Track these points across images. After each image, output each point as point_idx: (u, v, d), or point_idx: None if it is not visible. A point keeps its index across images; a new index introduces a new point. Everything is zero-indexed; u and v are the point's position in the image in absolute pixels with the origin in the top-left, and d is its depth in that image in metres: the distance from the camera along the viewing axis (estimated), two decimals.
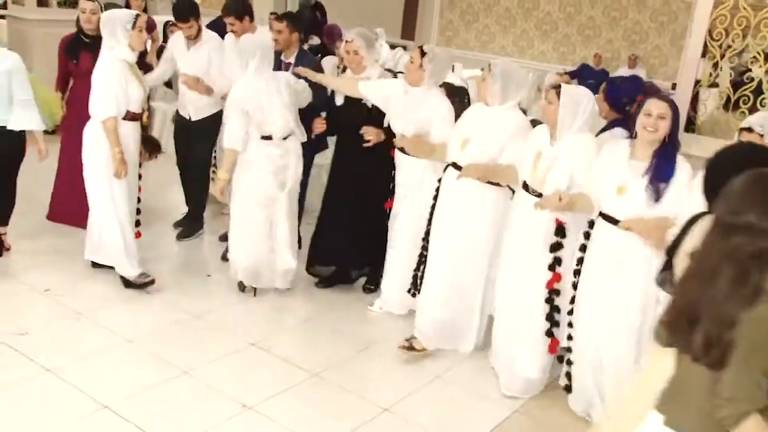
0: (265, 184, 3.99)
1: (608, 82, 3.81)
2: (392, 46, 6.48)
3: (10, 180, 4.28)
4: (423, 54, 3.72)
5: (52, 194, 4.91)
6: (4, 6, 6.68)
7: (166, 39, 6.03)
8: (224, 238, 4.94)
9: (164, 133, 6.44)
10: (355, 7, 11.56)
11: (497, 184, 3.51)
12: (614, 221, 3.00)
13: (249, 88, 3.86)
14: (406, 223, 3.94)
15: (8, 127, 4.05)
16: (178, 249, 4.91)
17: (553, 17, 10.90)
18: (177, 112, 4.98)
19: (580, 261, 3.19)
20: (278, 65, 4.24)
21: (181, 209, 5.28)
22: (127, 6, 5.61)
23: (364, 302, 4.23)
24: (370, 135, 3.92)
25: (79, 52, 4.57)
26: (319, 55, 5.50)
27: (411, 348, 3.65)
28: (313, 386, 3.37)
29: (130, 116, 3.95)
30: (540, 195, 3.21)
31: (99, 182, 3.95)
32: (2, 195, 4.30)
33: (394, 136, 3.88)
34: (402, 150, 3.88)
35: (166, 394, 3.18)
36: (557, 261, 3.25)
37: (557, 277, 3.25)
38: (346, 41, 4.13)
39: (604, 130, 3.65)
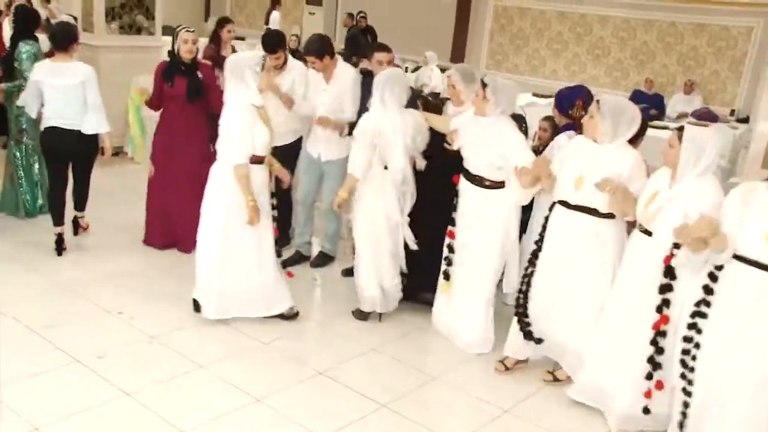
0: (392, 209, 4.13)
1: (557, 93, 4.33)
2: (442, 70, 6.47)
3: (88, 174, 4.88)
4: (484, 85, 3.82)
5: (146, 219, 5.07)
6: None
7: None
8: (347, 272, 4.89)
9: None
10: (405, 31, 11.67)
11: (612, 216, 3.46)
12: (759, 265, 2.89)
13: (381, 121, 3.99)
14: (478, 255, 3.95)
15: (82, 131, 4.59)
16: None
17: (606, 42, 10.84)
18: None
19: (704, 303, 3.06)
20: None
21: None
22: (216, 38, 5.89)
23: (429, 332, 4.23)
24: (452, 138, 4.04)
25: (175, 76, 4.77)
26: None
27: (506, 368, 3.86)
28: (383, 418, 3.38)
29: (255, 160, 3.89)
30: (649, 233, 3.20)
31: (213, 221, 3.95)
32: (81, 188, 4.93)
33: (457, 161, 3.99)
34: (469, 178, 3.94)
35: (241, 422, 3.23)
36: (665, 303, 3.17)
37: (665, 319, 3.18)
38: (447, 76, 4.33)
39: (557, 133, 4.15)
